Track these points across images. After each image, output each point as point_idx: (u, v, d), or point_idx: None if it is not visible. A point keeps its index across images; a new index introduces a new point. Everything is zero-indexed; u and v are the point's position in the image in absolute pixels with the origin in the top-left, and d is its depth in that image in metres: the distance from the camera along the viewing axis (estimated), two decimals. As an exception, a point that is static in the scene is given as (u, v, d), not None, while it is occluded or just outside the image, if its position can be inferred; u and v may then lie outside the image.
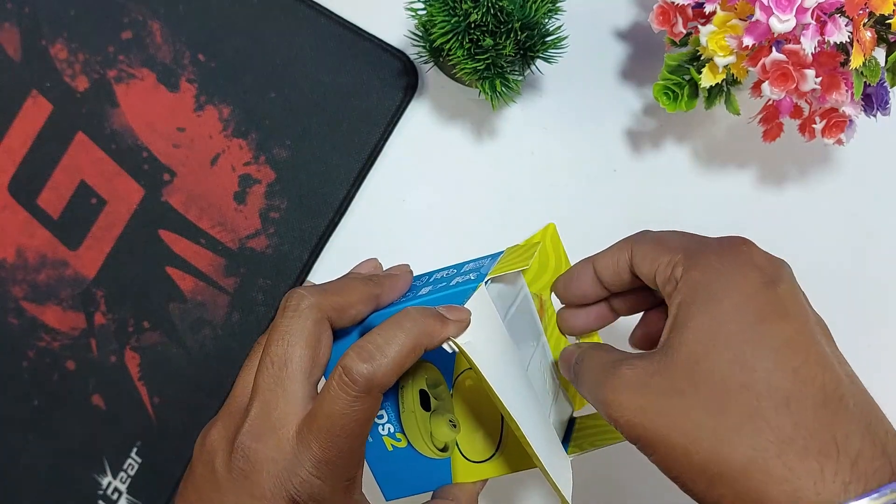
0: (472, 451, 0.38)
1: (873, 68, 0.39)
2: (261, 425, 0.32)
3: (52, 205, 0.48)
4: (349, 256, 0.49)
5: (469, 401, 0.37)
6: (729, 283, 0.28)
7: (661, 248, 0.32)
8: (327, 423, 0.30)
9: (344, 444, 0.31)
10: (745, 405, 0.26)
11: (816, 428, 0.25)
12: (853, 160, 0.50)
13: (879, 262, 0.50)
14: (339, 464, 0.31)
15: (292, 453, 0.31)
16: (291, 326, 0.32)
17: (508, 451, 0.37)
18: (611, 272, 0.35)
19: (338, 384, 0.30)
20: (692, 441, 0.26)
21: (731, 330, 0.27)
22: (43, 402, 0.48)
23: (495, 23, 0.41)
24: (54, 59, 0.49)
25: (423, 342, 0.31)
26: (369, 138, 0.48)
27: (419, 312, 0.32)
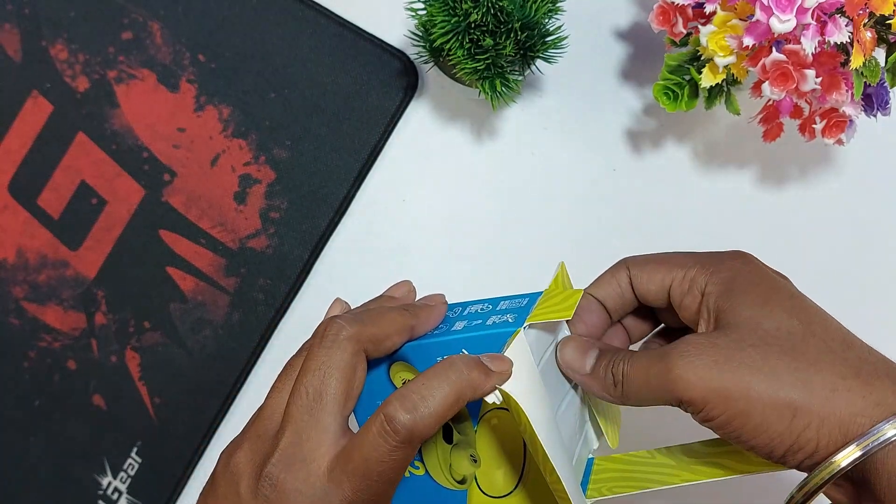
0: (490, 487, 0.37)
1: (873, 68, 0.39)
2: (291, 456, 0.31)
3: (53, 205, 0.48)
4: (349, 256, 0.49)
5: (493, 439, 0.36)
6: (756, 276, 0.32)
7: (668, 266, 0.34)
8: (363, 467, 0.30)
9: (377, 489, 0.31)
10: (816, 346, 0.30)
11: (876, 359, 0.30)
12: (853, 160, 0.50)
13: (879, 262, 0.50)
14: (374, 499, 0.31)
15: (322, 490, 0.31)
16: (329, 358, 0.32)
17: (528, 490, 0.37)
18: (615, 297, 0.36)
19: (378, 432, 0.30)
20: (774, 383, 0.29)
21: (778, 300, 0.31)
22: (44, 403, 0.48)
23: (495, 23, 0.41)
24: (54, 59, 0.49)
25: (467, 394, 0.31)
26: (369, 138, 0.48)
27: (464, 364, 0.31)
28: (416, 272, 0.49)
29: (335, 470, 0.31)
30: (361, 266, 0.49)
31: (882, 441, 0.28)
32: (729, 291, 0.32)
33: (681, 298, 0.34)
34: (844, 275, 0.50)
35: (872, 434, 0.28)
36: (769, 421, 0.29)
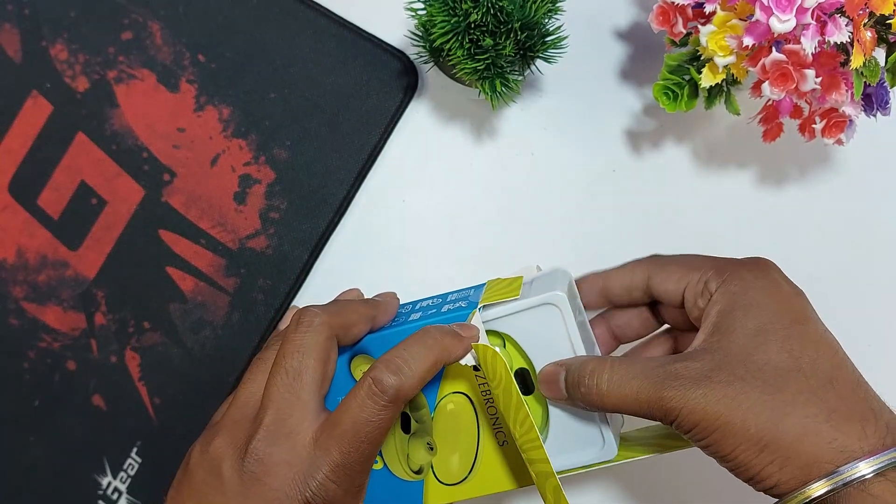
0: (445, 474, 0.39)
1: (873, 68, 0.39)
2: (275, 432, 0.33)
3: (53, 205, 0.48)
4: (349, 257, 0.49)
5: (448, 424, 0.39)
6: (766, 293, 0.34)
7: (687, 268, 0.36)
8: (352, 429, 0.32)
9: (365, 450, 0.33)
10: (797, 385, 0.31)
11: (855, 400, 0.31)
12: (853, 160, 0.50)
13: (879, 262, 0.50)
14: (356, 469, 0.33)
15: (309, 458, 0.32)
16: (305, 340, 0.34)
17: (482, 474, 0.39)
18: (623, 289, 0.38)
19: (367, 393, 0.32)
20: (750, 417, 0.31)
21: (776, 329, 0.33)
22: (43, 403, 0.48)
23: (495, 23, 0.41)
24: (54, 59, 0.49)
25: (444, 358, 0.34)
26: (369, 138, 0.48)
27: (438, 331, 0.35)
28: (416, 272, 0.49)
29: (321, 438, 0.33)
30: (361, 266, 0.49)
31: (835, 487, 0.29)
32: (732, 309, 0.33)
33: (693, 300, 0.36)
34: (844, 275, 0.50)
35: (823, 480, 0.30)
36: (740, 450, 0.31)
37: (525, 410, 0.35)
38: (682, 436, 0.33)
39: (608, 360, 0.35)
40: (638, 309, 0.40)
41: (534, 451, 0.36)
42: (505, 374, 0.35)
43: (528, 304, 0.37)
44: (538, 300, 0.37)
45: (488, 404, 0.38)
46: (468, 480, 0.39)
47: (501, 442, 0.39)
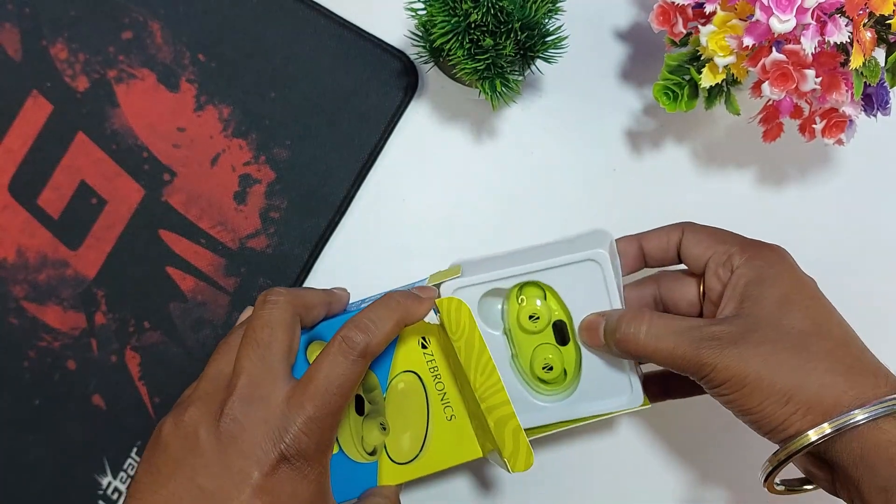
0: (398, 453, 0.41)
1: (873, 68, 0.39)
2: (249, 396, 0.35)
3: (53, 205, 0.48)
4: (349, 256, 0.49)
5: (399, 404, 0.41)
6: (785, 271, 0.38)
7: (716, 239, 0.40)
8: (325, 384, 0.35)
9: (336, 403, 0.35)
10: (818, 346, 0.35)
11: (865, 360, 0.36)
12: (853, 160, 0.50)
13: (879, 262, 0.51)
14: (327, 423, 0.35)
15: (282, 415, 0.35)
16: (273, 315, 0.37)
17: (431, 452, 0.41)
18: (660, 250, 0.42)
19: (338, 350, 0.36)
20: (778, 374, 0.35)
21: (798, 299, 0.37)
22: (43, 402, 0.48)
23: (495, 23, 0.41)
24: (55, 59, 0.49)
25: (406, 317, 0.38)
26: (369, 138, 0.48)
27: (399, 295, 0.38)
28: (416, 272, 0.49)
29: (293, 397, 0.35)
30: (361, 266, 0.49)
31: (851, 423, 0.33)
32: (760, 281, 0.38)
33: (715, 268, 0.39)
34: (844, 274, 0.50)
35: (842, 417, 0.34)
36: (766, 403, 0.35)
37: (487, 356, 0.39)
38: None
39: (647, 313, 0.38)
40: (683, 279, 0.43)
41: (495, 395, 0.39)
42: (469, 322, 0.39)
43: (572, 259, 0.40)
44: (582, 256, 0.40)
45: (436, 380, 0.41)
46: (419, 458, 0.41)
47: (449, 417, 0.41)
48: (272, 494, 0.35)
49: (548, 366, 0.42)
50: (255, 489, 0.34)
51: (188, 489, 0.35)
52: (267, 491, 0.34)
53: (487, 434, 0.40)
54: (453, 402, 0.41)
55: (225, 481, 0.34)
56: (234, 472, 0.34)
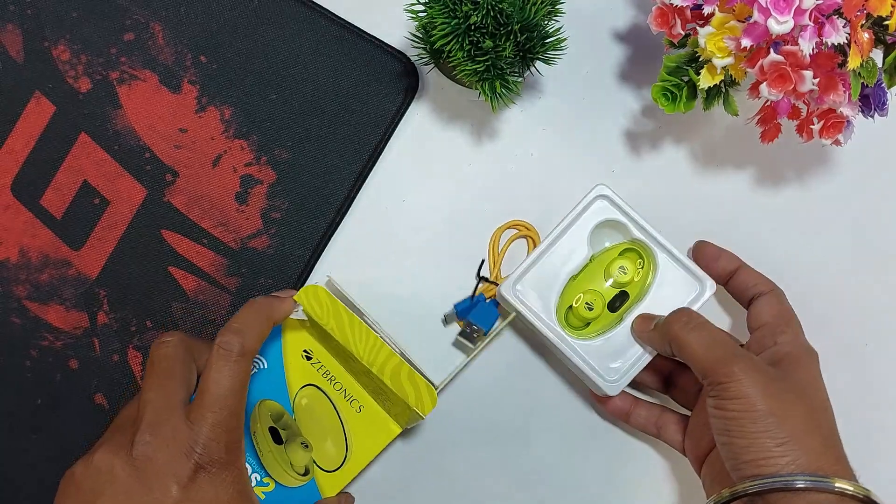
0: (328, 462, 0.44)
1: (871, 69, 0.39)
2: (156, 421, 0.37)
3: (55, 205, 0.49)
4: (350, 256, 0.49)
5: (310, 418, 0.44)
6: (813, 362, 0.43)
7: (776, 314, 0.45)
8: (216, 390, 0.37)
9: (232, 405, 0.38)
10: (818, 420, 0.39)
11: (839, 445, 0.40)
12: (851, 161, 0.51)
13: (877, 262, 0.51)
14: (231, 424, 0.37)
15: (188, 430, 0.37)
16: (167, 351, 0.39)
17: (358, 447, 0.44)
18: (736, 291, 0.47)
19: (217, 356, 0.38)
20: (790, 416, 0.38)
21: (815, 383, 0.41)
22: (45, 401, 0.48)
23: (495, 25, 0.41)
24: (57, 60, 0.49)
25: (272, 314, 0.41)
26: (370, 139, 0.48)
27: (263, 297, 0.42)
28: (416, 272, 0.49)
29: (193, 412, 0.37)
30: (362, 266, 0.49)
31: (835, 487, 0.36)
32: (797, 358, 0.42)
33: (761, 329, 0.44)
34: (843, 274, 0.50)
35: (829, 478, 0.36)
36: (765, 435, 0.37)
37: (358, 321, 0.42)
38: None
39: (698, 317, 0.42)
40: None
41: (380, 354, 0.42)
42: (329, 300, 0.42)
43: (691, 270, 0.45)
44: (699, 274, 0.45)
45: (332, 383, 0.44)
46: (349, 459, 0.44)
47: (358, 409, 0.44)
48: (196, 502, 0.36)
49: (590, 305, 0.46)
50: (178, 502, 0.36)
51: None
52: (189, 501, 0.36)
53: (393, 398, 0.42)
54: (356, 394, 0.44)
55: (147, 501, 0.36)
56: (155, 491, 0.36)
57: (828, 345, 0.50)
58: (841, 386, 0.50)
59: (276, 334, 0.44)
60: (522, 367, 0.49)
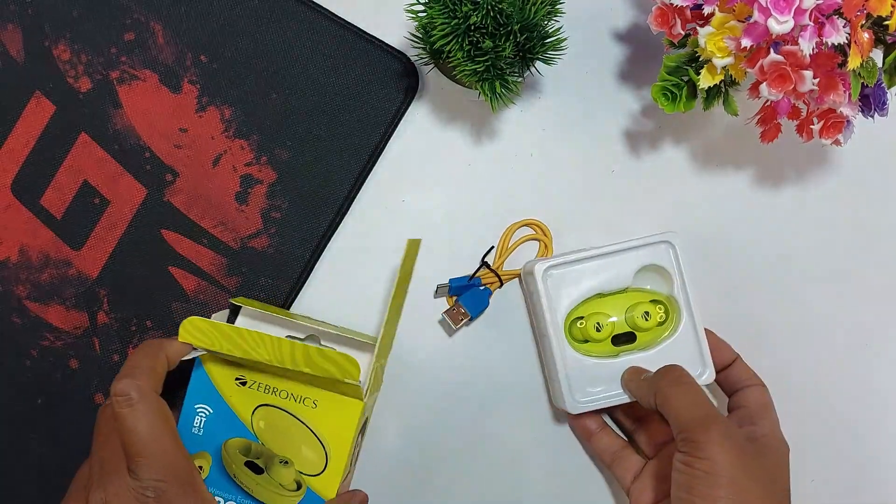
0: (314, 468, 0.44)
1: (871, 69, 0.39)
2: (105, 482, 0.38)
3: (55, 205, 0.49)
4: (350, 256, 0.49)
5: (275, 434, 0.44)
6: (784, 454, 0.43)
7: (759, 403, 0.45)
8: (137, 438, 0.38)
9: (159, 442, 0.38)
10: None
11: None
12: (851, 161, 0.51)
13: (877, 262, 0.51)
14: (168, 460, 0.38)
15: (134, 481, 0.38)
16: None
17: (333, 440, 0.43)
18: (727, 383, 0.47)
19: (119, 408, 0.38)
20: (755, 488, 0.38)
21: (782, 473, 0.42)
22: (46, 401, 0.48)
23: (495, 25, 0.41)
24: (57, 60, 0.49)
25: (165, 350, 0.41)
26: (370, 139, 0.48)
27: (151, 340, 0.42)
28: (415, 272, 0.49)
29: (130, 465, 0.38)
30: (362, 266, 0.49)
31: None
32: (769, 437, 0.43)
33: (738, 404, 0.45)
34: (843, 274, 0.50)
35: None
36: (726, 500, 0.37)
37: (253, 334, 0.41)
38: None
39: (688, 376, 0.42)
40: None
41: (282, 347, 0.41)
42: (209, 325, 0.42)
43: (703, 351, 0.46)
44: (706, 359, 0.46)
45: (276, 394, 0.44)
46: (331, 456, 0.43)
47: (313, 405, 0.44)
48: None
49: (599, 327, 0.46)
50: None
51: None
52: None
53: (326, 381, 0.42)
54: (303, 393, 0.44)
55: None
56: None
57: (828, 345, 0.50)
58: (841, 386, 0.50)
59: (205, 379, 0.44)
60: (508, 346, 0.49)
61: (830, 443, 0.50)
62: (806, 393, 0.50)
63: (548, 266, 0.45)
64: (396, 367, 0.49)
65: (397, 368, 0.49)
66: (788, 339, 0.50)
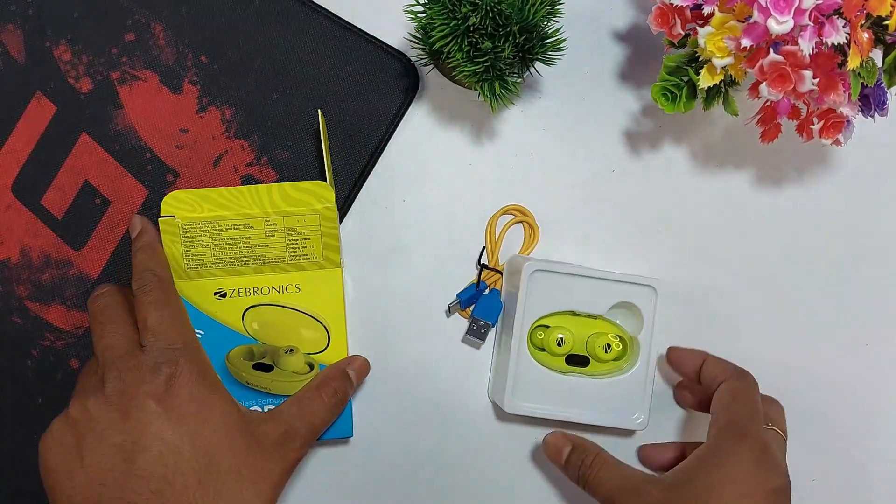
0: (316, 345, 0.46)
1: (871, 69, 0.39)
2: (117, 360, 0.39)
3: (57, 205, 0.49)
4: (350, 256, 0.49)
5: (270, 330, 0.45)
6: (739, 451, 0.41)
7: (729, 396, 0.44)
8: (153, 313, 0.40)
9: (174, 315, 0.40)
10: None
11: None
12: (851, 161, 0.51)
13: (876, 262, 0.51)
14: (180, 330, 0.40)
15: (146, 354, 0.39)
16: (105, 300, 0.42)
17: (327, 313, 0.45)
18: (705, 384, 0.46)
19: (140, 293, 0.41)
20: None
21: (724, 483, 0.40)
22: (46, 401, 0.48)
23: (494, 26, 0.41)
24: (58, 60, 0.49)
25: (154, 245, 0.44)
26: (370, 139, 0.49)
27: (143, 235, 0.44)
28: (416, 272, 0.49)
29: (143, 339, 0.39)
30: (362, 266, 0.49)
31: None
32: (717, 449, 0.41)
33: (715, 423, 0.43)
34: (842, 274, 0.50)
35: None
36: None
37: (225, 190, 0.43)
38: None
39: (604, 457, 0.44)
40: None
41: (259, 194, 0.44)
42: (188, 195, 0.44)
43: (645, 401, 0.46)
44: (643, 410, 0.47)
45: (257, 293, 0.45)
46: (330, 327, 0.46)
47: (296, 289, 0.45)
48: (177, 409, 0.38)
49: (560, 342, 0.47)
50: (159, 414, 0.37)
51: (102, 454, 0.37)
52: (171, 409, 0.37)
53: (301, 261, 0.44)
54: (283, 282, 0.45)
55: (130, 428, 0.37)
56: (134, 414, 0.37)
57: (828, 345, 0.50)
58: (841, 386, 0.50)
59: (186, 306, 0.45)
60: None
61: (831, 442, 0.50)
62: (806, 392, 0.50)
63: (536, 269, 0.45)
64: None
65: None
66: (788, 339, 0.50)
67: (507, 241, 0.49)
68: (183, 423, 0.37)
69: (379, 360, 0.48)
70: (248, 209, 0.44)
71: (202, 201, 0.44)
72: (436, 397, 0.49)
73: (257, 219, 0.44)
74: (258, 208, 0.44)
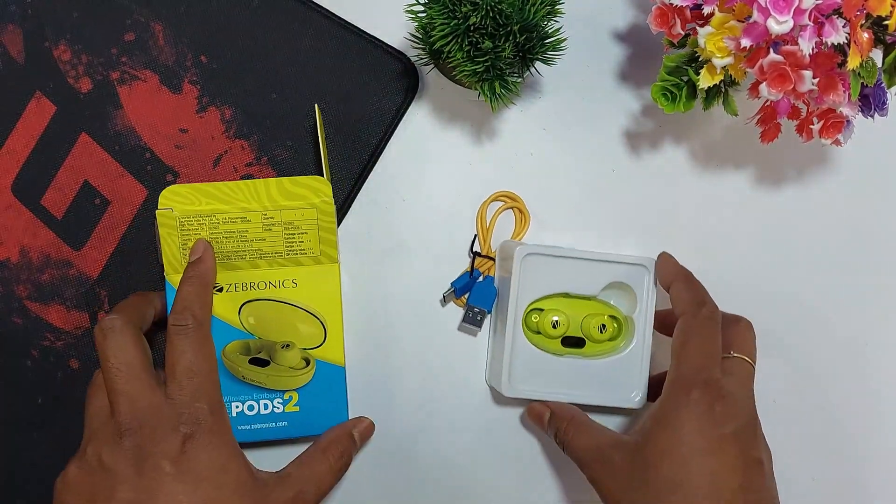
0: (313, 340, 0.45)
1: (870, 69, 0.39)
2: (134, 409, 0.38)
3: (56, 205, 0.49)
4: (350, 255, 0.49)
5: (267, 324, 0.45)
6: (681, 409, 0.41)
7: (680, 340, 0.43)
8: (184, 362, 0.39)
9: (205, 369, 0.39)
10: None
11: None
12: (851, 161, 0.51)
13: (877, 262, 0.51)
14: (207, 389, 0.39)
15: (169, 406, 0.38)
16: (117, 339, 0.39)
17: (323, 309, 0.45)
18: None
19: (174, 335, 0.39)
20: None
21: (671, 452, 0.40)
22: (46, 401, 0.48)
23: (494, 25, 0.41)
24: (58, 60, 0.49)
25: (209, 281, 0.43)
26: (370, 139, 0.49)
27: (190, 269, 0.43)
28: (416, 272, 0.49)
29: (169, 388, 0.38)
30: (362, 266, 0.49)
31: None
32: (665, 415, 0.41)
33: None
34: (842, 274, 0.50)
35: None
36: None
37: (223, 184, 0.43)
38: None
39: (576, 422, 0.45)
40: None
41: (257, 188, 0.43)
42: (187, 189, 0.43)
43: (640, 379, 0.46)
44: (641, 388, 0.47)
45: (254, 287, 0.45)
46: (327, 323, 0.45)
47: (293, 284, 0.45)
48: (192, 472, 0.37)
49: (556, 324, 0.47)
50: (174, 476, 0.36)
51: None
52: (186, 471, 0.37)
53: (299, 221, 0.44)
54: (279, 277, 0.45)
55: (143, 485, 0.36)
56: (148, 473, 0.36)
57: (828, 345, 0.50)
58: (841, 385, 0.50)
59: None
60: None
61: (831, 441, 0.50)
62: (806, 392, 0.50)
63: (528, 252, 0.45)
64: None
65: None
66: (788, 339, 0.50)
67: (498, 227, 0.49)
68: (198, 487, 0.37)
69: (376, 352, 0.48)
70: (245, 203, 0.44)
71: (200, 195, 0.44)
72: (434, 385, 0.49)
73: (255, 212, 0.44)
74: (256, 202, 0.44)
